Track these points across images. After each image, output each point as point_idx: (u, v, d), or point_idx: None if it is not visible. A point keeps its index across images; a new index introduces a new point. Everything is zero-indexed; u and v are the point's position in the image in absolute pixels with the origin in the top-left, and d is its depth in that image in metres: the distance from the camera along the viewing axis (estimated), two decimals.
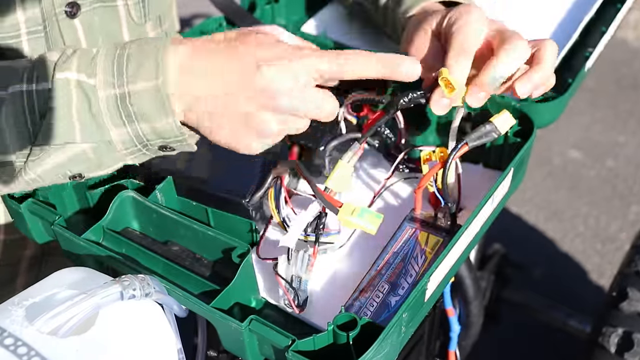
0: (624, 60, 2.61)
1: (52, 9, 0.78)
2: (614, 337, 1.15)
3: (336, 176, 0.69)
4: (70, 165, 0.63)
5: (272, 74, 0.60)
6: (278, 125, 0.62)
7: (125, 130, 0.61)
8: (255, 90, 0.60)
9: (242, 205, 0.72)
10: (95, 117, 0.60)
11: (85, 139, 0.61)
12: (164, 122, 0.61)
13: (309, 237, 0.70)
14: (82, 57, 0.62)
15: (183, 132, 0.62)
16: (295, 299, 0.67)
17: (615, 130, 2.35)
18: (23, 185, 0.65)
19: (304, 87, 0.61)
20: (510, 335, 1.75)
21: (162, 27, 0.94)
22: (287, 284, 0.67)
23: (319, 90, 0.63)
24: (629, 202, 2.11)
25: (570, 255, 1.98)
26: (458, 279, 1.00)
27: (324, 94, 0.63)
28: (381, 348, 0.59)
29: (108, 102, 0.60)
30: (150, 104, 0.60)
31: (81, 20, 0.82)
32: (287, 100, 0.61)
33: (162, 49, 0.60)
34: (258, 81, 0.60)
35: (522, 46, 0.68)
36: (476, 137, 0.69)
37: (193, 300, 0.62)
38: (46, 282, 0.60)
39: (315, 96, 0.62)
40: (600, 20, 0.95)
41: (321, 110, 0.63)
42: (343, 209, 0.65)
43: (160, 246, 0.71)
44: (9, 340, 0.53)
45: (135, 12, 0.87)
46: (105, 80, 0.60)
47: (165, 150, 0.65)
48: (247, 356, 0.64)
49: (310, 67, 0.61)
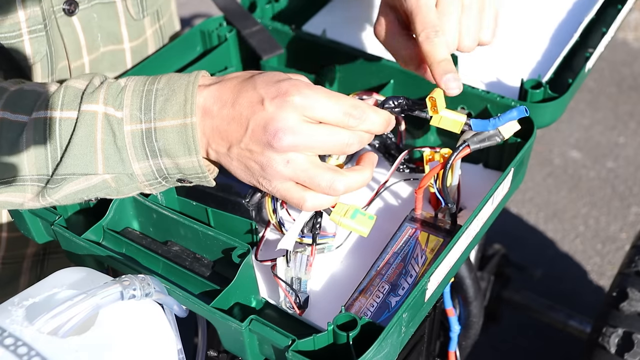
0: (625, 62, 2.61)
1: (50, 7, 0.78)
2: (614, 338, 1.15)
3: None
4: (89, 192, 0.64)
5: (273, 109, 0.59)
6: (285, 168, 0.60)
7: (148, 164, 0.62)
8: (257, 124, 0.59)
9: (242, 205, 0.72)
10: (120, 150, 0.61)
11: (108, 170, 0.61)
12: (187, 159, 0.61)
13: (304, 239, 0.70)
14: (110, 89, 0.62)
15: (204, 170, 0.62)
16: (296, 300, 0.67)
17: (616, 131, 2.35)
18: (38, 206, 0.66)
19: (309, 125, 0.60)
20: (511, 335, 1.75)
21: (160, 21, 0.94)
22: (288, 285, 0.67)
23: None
24: (629, 203, 2.11)
25: (571, 256, 1.98)
26: (458, 279, 1.00)
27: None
28: (381, 348, 0.59)
29: (134, 137, 0.60)
30: (176, 141, 0.60)
31: (79, 17, 0.82)
32: (290, 138, 0.59)
33: (192, 86, 0.60)
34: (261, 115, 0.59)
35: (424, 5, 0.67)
36: (479, 140, 0.69)
37: (193, 300, 0.62)
38: (46, 282, 0.60)
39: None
40: (600, 21, 0.95)
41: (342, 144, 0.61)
42: (336, 209, 0.65)
43: (160, 246, 0.71)
44: (9, 340, 0.53)
45: (132, 7, 0.87)
46: (132, 114, 0.60)
47: (183, 183, 0.65)
48: (247, 356, 0.63)
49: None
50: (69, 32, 0.82)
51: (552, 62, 0.88)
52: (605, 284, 1.89)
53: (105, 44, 0.87)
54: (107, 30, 0.86)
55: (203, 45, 0.92)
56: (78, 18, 0.82)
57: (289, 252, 0.68)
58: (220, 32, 0.91)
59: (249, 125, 0.59)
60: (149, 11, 0.91)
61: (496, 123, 0.68)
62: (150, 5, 0.90)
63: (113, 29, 0.87)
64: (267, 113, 0.59)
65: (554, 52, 0.91)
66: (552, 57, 0.90)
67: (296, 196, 0.62)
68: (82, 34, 0.83)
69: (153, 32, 0.93)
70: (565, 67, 0.88)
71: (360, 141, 0.62)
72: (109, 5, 0.85)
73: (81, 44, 0.83)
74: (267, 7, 0.96)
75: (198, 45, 0.92)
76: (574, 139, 2.32)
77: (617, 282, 1.22)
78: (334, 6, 1.04)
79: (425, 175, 0.71)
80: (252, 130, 0.59)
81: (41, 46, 0.78)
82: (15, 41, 0.76)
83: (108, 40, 0.87)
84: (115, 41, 0.88)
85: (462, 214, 0.75)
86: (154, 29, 0.93)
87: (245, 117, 0.59)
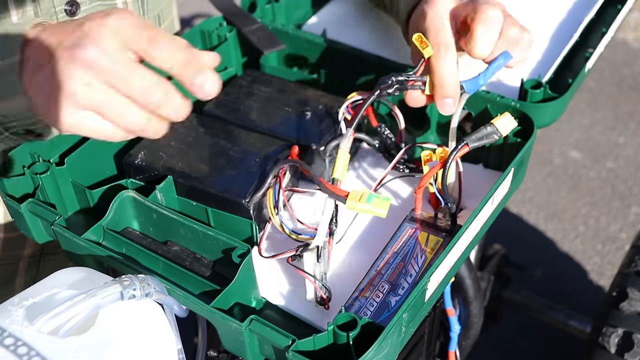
0: (625, 62, 2.61)
1: (52, 7, 0.78)
2: (614, 338, 1.15)
3: (340, 165, 0.70)
4: None
5: (89, 28, 0.55)
6: (82, 87, 0.55)
7: None
8: (70, 40, 0.56)
9: (242, 205, 0.72)
10: None
11: None
12: (13, 102, 0.58)
13: (300, 237, 0.70)
14: None
15: (31, 114, 0.59)
16: (327, 295, 0.68)
17: (616, 131, 2.35)
18: None
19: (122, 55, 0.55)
20: (511, 335, 1.75)
21: (162, 25, 0.94)
22: (318, 281, 0.68)
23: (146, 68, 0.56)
24: (629, 203, 2.11)
25: (571, 256, 1.98)
26: (458, 279, 1.00)
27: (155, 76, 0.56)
28: (381, 348, 0.59)
29: None
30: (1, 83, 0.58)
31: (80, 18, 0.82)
32: (96, 54, 0.54)
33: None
34: (76, 32, 0.56)
35: (490, 11, 0.68)
36: (477, 138, 0.69)
37: (193, 300, 0.62)
38: (46, 282, 0.60)
39: (140, 72, 0.55)
40: (600, 21, 0.95)
41: (147, 93, 0.55)
42: (350, 197, 0.65)
43: (160, 246, 0.71)
44: (9, 340, 0.53)
45: (133, 10, 0.87)
46: None
47: (32, 136, 0.62)
48: (247, 356, 0.64)
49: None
50: None
51: (552, 62, 0.88)
52: (605, 283, 1.89)
53: None
54: None
55: (203, 45, 0.92)
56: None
57: (319, 247, 0.68)
58: (220, 32, 0.91)
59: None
60: (151, 15, 0.91)
61: (486, 76, 0.70)
62: (151, 9, 0.90)
63: None
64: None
65: (553, 52, 0.91)
66: (552, 57, 0.90)
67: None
68: None
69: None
70: (565, 67, 0.88)
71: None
72: (110, 7, 0.85)
73: None
74: (267, 7, 0.96)
75: (198, 45, 0.92)
76: (574, 139, 2.32)
77: (617, 282, 1.22)
78: (334, 6, 1.04)
79: (424, 174, 0.71)
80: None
81: None
82: None
83: None
84: None
85: (462, 214, 0.75)
86: None
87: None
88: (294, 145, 0.77)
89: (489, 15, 0.68)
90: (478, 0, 0.70)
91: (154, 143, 0.77)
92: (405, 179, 0.81)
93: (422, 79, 0.71)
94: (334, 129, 0.79)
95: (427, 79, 0.71)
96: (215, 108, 0.83)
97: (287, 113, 0.82)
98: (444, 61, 0.69)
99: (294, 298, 0.70)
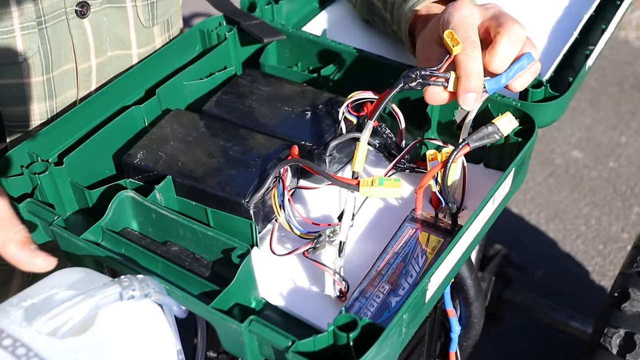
0: (626, 61, 2.61)
1: (62, 7, 0.79)
2: (616, 338, 1.15)
3: (360, 158, 0.70)
4: None
5: None
6: None
7: None
8: None
9: (242, 205, 0.72)
10: None
11: None
12: None
13: (307, 234, 0.70)
14: None
15: None
16: (346, 288, 0.68)
17: (617, 130, 2.34)
18: None
19: None
20: (512, 336, 1.75)
21: (170, 32, 0.94)
22: (339, 276, 0.68)
23: None
24: (630, 203, 2.11)
25: (572, 256, 1.98)
26: (459, 279, 0.99)
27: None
28: (382, 349, 0.59)
29: None
30: None
31: (90, 20, 0.82)
32: None
33: None
34: None
35: (517, 28, 0.70)
36: (477, 138, 0.69)
37: (193, 300, 0.62)
38: (45, 283, 0.60)
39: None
40: (600, 17, 0.95)
41: None
42: (362, 184, 0.66)
43: (159, 246, 0.71)
44: (7, 341, 0.53)
45: (143, 14, 0.88)
46: None
47: None
48: (247, 357, 0.63)
49: None
50: (79, 33, 0.82)
51: (552, 61, 0.88)
52: (606, 284, 1.89)
53: (112, 48, 0.87)
54: (116, 34, 0.86)
55: (202, 44, 0.92)
56: (89, 21, 0.82)
57: (342, 242, 0.68)
58: (220, 32, 0.90)
59: None
60: (159, 20, 0.91)
61: (508, 76, 0.70)
62: (161, 15, 0.91)
63: (122, 34, 0.87)
64: None
65: (553, 50, 0.90)
66: (552, 56, 0.89)
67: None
68: (92, 36, 0.84)
69: (162, 41, 0.94)
70: (565, 65, 0.88)
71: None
72: (120, 9, 0.85)
73: (90, 46, 0.84)
74: (267, 8, 0.96)
75: (197, 45, 0.92)
76: (575, 139, 2.32)
77: (619, 282, 1.22)
78: (334, 6, 1.04)
79: (425, 174, 0.71)
80: None
81: (32, 43, 0.78)
82: (8, 37, 0.77)
83: (116, 45, 0.87)
84: (123, 46, 0.88)
85: (462, 214, 0.75)
86: (163, 38, 0.94)
87: None
88: (294, 144, 0.77)
89: (515, 32, 0.69)
90: (501, 15, 0.71)
91: (153, 143, 0.77)
92: (406, 178, 0.81)
93: (445, 75, 0.71)
94: (334, 128, 0.79)
95: (450, 76, 0.70)
96: (215, 107, 0.83)
97: (287, 113, 0.82)
98: (474, 55, 0.69)
99: (294, 298, 0.70)
